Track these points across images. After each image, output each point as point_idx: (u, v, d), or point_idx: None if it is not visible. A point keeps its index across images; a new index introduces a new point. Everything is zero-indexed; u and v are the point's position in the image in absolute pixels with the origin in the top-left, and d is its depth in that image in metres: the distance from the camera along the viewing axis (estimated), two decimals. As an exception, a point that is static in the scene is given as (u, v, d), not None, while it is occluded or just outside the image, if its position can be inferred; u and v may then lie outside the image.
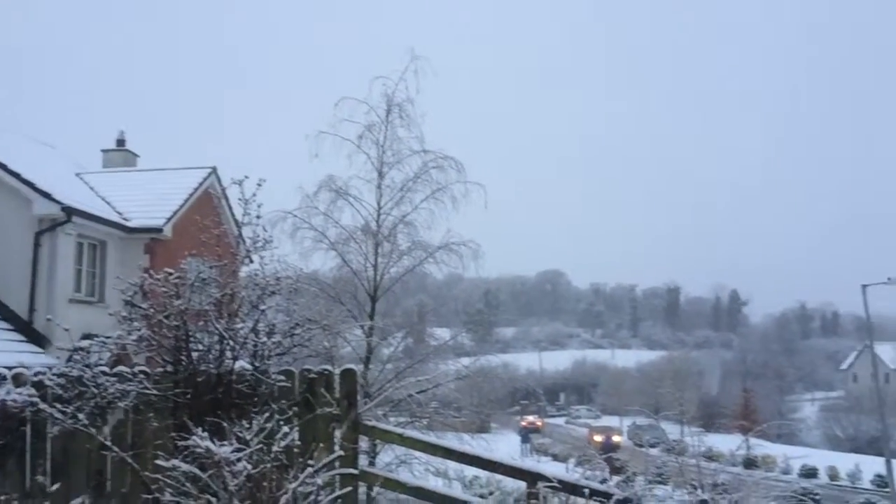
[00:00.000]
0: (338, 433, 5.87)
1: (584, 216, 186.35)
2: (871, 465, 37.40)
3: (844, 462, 40.70)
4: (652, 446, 11.51)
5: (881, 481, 33.92)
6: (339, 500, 5.57)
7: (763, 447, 28.25)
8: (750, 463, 33.11)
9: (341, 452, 5.74)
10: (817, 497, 26.73)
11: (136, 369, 6.02)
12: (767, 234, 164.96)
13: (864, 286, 32.69)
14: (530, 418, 66.35)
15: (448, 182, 14.07)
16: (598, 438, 49.80)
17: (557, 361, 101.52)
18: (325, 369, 6.11)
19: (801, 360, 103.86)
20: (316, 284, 13.41)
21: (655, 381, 63.09)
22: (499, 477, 11.70)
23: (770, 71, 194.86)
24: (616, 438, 50.81)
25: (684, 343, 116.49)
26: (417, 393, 11.88)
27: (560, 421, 79.44)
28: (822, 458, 40.09)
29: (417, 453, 9.49)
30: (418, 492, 6.10)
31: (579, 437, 58.02)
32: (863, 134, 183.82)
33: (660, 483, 7.30)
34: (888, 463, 31.27)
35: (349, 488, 5.71)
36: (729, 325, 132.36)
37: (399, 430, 7.08)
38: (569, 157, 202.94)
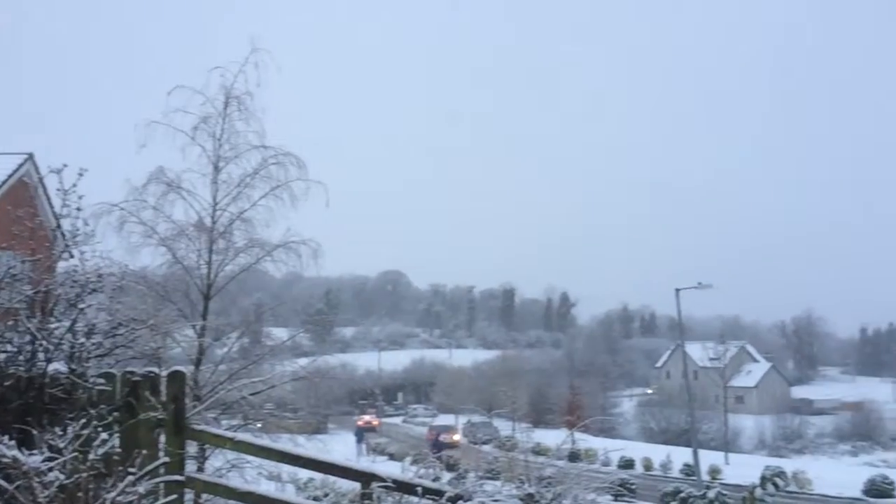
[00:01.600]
0: (163, 438, 5.62)
1: (426, 218, 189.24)
2: (681, 455, 40.65)
3: (657, 453, 43.95)
4: (485, 443, 11.90)
5: (689, 470, 36.78)
6: (164, 509, 5.33)
7: (586, 441, 30.01)
8: (574, 456, 34.84)
9: (166, 459, 5.50)
10: (633, 486, 28.66)
11: (-68, 373, 5.48)
12: (595, 238, 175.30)
13: (678, 290, 35.41)
14: (367, 418, 66.59)
15: (288, 179, 13.77)
16: (438, 437, 50.87)
17: (396, 361, 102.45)
18: (151, 371, 5.84)
19: (622, 359, 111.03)
20: (144, 282, 12.67)
21: (490, 380, 65.20)
22: (333, 478, 11.61)
23: (606, 70, 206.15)
24: (455, 437, 52.13)
25: (518, 343, 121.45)
26: (252, 395, 11.54)
27: (397, 420, 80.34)
28: (638, 450, 43.03)
29: (250, 457, 9.22)
30: (248, 497, 5.95)
31: (416, 436, 58.92)
32: (682, 138, 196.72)
33: (491, 478, 7.56)
34: (695, 453, 34.08)
35: (174, 496, 5.48)
36: (559, 326, 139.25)
37: (230, 434, 6.85)
38: (412, 159, 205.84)
